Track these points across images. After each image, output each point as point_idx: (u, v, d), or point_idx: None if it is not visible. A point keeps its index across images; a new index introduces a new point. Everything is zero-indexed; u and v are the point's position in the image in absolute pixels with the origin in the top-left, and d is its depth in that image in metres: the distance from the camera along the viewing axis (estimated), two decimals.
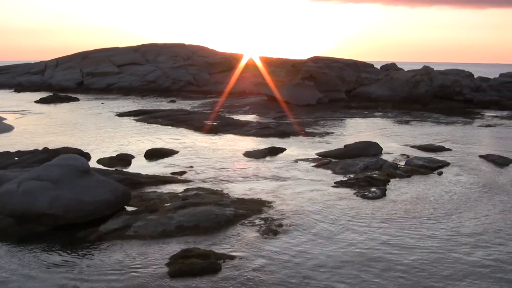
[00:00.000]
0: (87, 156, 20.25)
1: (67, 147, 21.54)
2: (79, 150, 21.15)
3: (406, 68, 56.91)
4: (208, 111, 39.57)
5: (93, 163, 19.17)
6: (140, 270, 10.26)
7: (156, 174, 18.36)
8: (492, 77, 55.39)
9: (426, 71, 49.13)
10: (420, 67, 51.98)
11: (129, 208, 14.07)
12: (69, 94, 53.20)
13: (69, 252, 11.25)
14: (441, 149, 24.57)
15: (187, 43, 75.68)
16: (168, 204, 14.10)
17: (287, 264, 10.66)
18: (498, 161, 21.57)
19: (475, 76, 53.51)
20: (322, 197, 15.73)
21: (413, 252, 11.42)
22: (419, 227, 13.10)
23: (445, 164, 20.87)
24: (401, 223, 13.41)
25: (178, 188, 16.59)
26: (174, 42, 75.67)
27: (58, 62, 70.73)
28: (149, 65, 66.73)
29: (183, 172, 18.93)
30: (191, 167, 19.87)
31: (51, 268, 10.39)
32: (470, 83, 49.90)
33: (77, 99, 50.63)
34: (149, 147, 23.34)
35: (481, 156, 22.72)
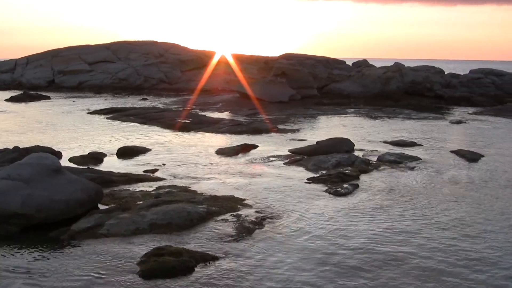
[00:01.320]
0: (58, 155, 20.04)
1: (38, 146, 21.29)
2: (51, 148, 20.91)
3: (377, 65, 57.24)
4: (180, 109, 39.50)
5: (64, 162, 19.00)
6: (112, 268, 10.21)
7: (129, 172, 18.26)
8: (462, 74, 56.01)
9: (397, 68, 49.61)
10: (391, 63, 52.43)
11: (101, 207, 14.00)
12: (40, 93, 52.44)
13: (41, 252, 11.16)
14: (413, 144, 24.86)
15: (159, 40, 75.31)
16: (141, 202, 14.04)
17: (261, 262, 10.69)
18: (469, 156, 21.90)
19: (446, 73, 54.05)
20: (294, 194, 15.82)
21: (387, 246, 11.55)
22: (392, 222, 13.25)
23: (417, 159, 21.12)
24: (375, 219, 13.54)
25: (151, 186, 16.54)
26: (145, 39, 75.23)
27: (29, 60, 69.75)
28: (121, 63, 66.21)
29: (155, 170, 18.88)
30: (164, 164, 19.83)
31: (21, 269, 10.27)
32: (441, 80, 50.48)
33: (48, 98, 50.04)
34: (121, 145, 23.21)
35: (452, 151, 23.03)
